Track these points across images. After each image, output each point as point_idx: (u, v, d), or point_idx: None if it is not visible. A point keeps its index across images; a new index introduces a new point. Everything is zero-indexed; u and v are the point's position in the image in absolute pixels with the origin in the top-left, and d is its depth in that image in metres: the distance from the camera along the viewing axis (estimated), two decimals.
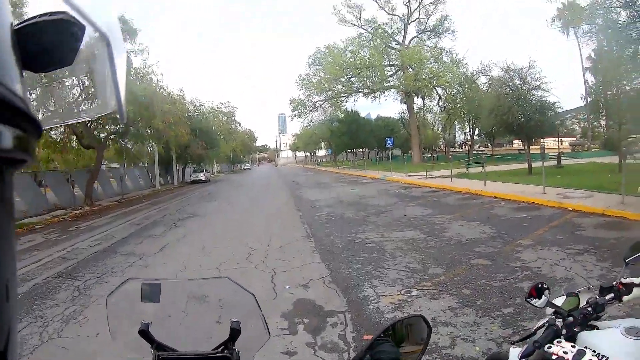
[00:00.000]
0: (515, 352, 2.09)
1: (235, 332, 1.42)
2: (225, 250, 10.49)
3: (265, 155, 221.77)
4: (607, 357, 1.77)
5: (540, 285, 2.02)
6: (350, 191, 24.81)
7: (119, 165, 40.37)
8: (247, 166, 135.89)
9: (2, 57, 0.44)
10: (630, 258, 2.19)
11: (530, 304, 2.01)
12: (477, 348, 4.64)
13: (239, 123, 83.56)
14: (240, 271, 8.30)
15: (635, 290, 2.02)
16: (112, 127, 30.85)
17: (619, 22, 16.97)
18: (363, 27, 61.33)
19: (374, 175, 38.22)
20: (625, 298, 2.03)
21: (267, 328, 1.49)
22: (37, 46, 0.60)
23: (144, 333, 1.48)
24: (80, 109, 1.04)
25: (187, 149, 43.76)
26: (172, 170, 49.72)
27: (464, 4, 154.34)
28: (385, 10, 61.08)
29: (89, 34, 0.64)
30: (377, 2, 60.41)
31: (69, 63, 0.66)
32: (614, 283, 2.12)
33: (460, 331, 5.03)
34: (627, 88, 22.81)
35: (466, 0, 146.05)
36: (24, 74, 0.52)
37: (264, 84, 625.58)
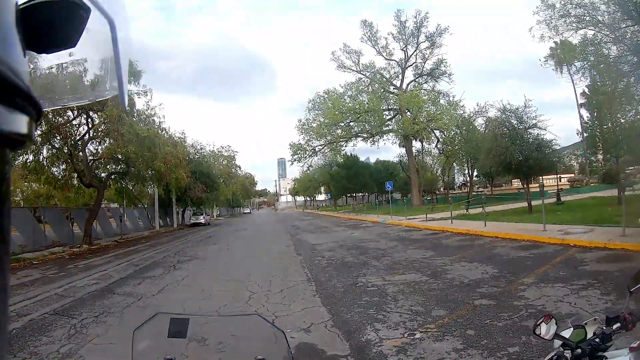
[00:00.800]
0: None
1: None
2: (225, 293, 10.37)
3: (265, 200, 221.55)
4: None
5: (547, 318, 2.05)
6: (351, 235, 24.70)
7: (118, 206, 40.53)
8: (247, 210, 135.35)
9: (6, 36, 0.44)
10: (635, 287, 2.19)
11: (538, 336, 2.05)
12: None
13: (239, 167, 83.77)
14: None
15: None
16: (114, 167, 31.07)
17: (610, 57, 17.28)
18: (362, 72, 62.58)
19: (374, 219, 38.09)
20: None
21: None
22: (42, 27, 0.60)
23: None
24: (81, 92, 1.02)
25: (188, 192, 43.91)
26: (171, 212, 49.85)
27: (460, 46, 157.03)
28: (383, 56, 62.37)
29: (94, 16, 0.63)
30: (375, 47, 61.71)
31: (73, 45, 0.65)
32: (620, 313, 2.11)
33: None
34: (622, 121, 23.07)
35: (462, 43, 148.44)
36: (26, 54, 0.52)
37: (264, 128, 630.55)
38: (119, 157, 27.84)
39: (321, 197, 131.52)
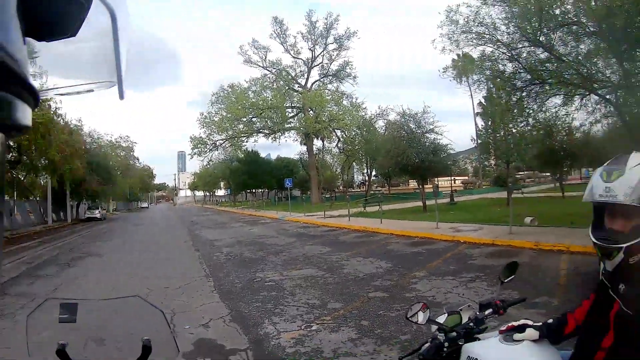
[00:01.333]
0: None
1: (146, 350, 1.48)
2: (122, 290, 10.04)
3: (164, 194, 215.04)
4: None
5: (423, 307, 2.28)
6: (249, 231, 24.74)
7: (8, 198, 38.02)
8: (145, 204, 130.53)
9: (5, 22, 0.46)
10: (506, 278, 2.51)
11: (411, 321, 2.28)
12: None
13: (138, 159, 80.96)
14: None
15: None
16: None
17: (506, 72, 18.41)
18: (268, 68, 62.26)
19: (272, 215, 38.16)
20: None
21: (177, 344, 1.56)
22: (42, 14, 0.60)
23: (61, 353, 1.51)
24: (80, 82, 0.99)
25: (83, 184, 41.95)
26: (65, 206, 47.19)
27: (367, 51, 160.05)
28: (290, 54, 62.36)
29: (95, 6, 0.64)
30: (283, 45, 61.54)
31: (73, 34, 0.66)
32: (492, 300, 2.40)
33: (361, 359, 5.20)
34: (514, 130, 24.54)
35: (369, 47, 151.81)
36: (26, 41, 0.55)
37: (165, 120, 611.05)
38: (10, 144, 26.24)
39: (221, 192, 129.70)
